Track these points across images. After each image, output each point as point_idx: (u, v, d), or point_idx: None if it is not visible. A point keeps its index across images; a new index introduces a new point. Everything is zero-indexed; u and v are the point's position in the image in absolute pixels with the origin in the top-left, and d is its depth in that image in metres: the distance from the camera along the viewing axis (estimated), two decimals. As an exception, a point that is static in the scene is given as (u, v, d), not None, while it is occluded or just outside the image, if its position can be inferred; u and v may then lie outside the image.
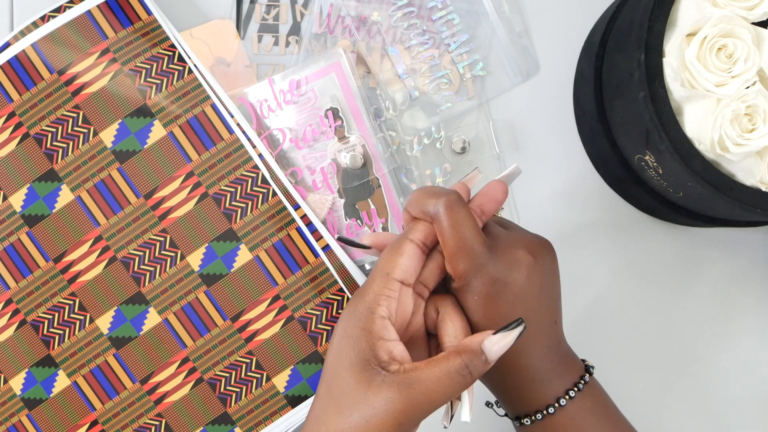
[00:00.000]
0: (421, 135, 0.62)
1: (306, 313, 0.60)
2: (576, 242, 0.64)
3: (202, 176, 0.60)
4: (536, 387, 0.48)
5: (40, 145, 0.59)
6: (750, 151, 0.50)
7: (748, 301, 0.64)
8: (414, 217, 0.47)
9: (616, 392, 0.52)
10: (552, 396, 0.48)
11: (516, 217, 0.63)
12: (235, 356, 0.60)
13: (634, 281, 0.64)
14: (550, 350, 0.48)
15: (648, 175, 0.56)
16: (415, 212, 0.47)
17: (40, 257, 0.60)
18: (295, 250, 0.60)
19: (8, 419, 0.60)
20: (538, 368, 0.47)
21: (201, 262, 0.60)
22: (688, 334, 0.64)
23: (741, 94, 0.50)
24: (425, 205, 0.46)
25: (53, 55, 0.59)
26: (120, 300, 0.60)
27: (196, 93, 0.60)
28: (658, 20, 0.51)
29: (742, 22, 0.50)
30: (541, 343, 0.47)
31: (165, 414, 0.60)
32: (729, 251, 0.65)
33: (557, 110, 0.64)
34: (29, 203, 0.60)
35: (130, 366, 0.60)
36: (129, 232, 0.60)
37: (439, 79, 0.63)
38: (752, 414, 0.64)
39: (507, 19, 0.63)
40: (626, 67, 0.53)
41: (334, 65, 0.61)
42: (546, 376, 0.48)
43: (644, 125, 0.52)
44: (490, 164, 0.63)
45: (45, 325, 0.60)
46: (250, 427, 0.60)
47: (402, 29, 0.63)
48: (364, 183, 0.61)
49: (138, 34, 0.59)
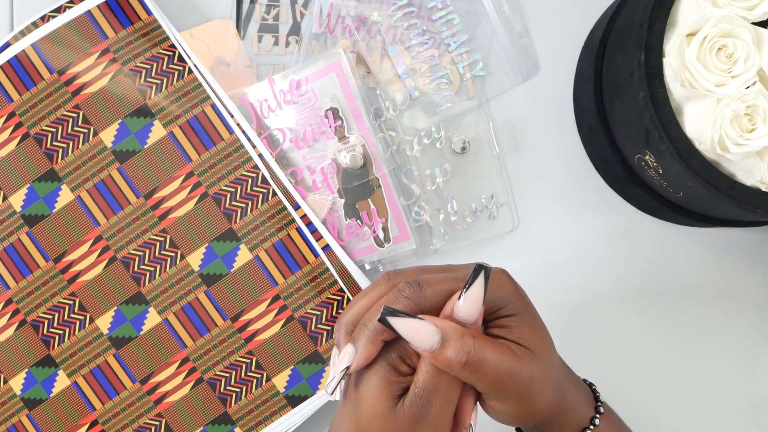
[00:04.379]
0: (421, 135, 0.62)
1: (306, 313, 0.60)
2: (576, 242, 0.64)
3: (202, 176, 0.60)
4: (569, 413, 0.46)
5: (40, 145, 0.59)
6: (750, 151, 0.50)
7: (748, 301, 0.64)
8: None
9: (616, 392, 0.52)
10: (585, 418, 0.47)
11: (516, 218, 0.63)
12: (235, 356, 0.60)
13: (634, 281, 0.64)
14: (566, 375, 0.47)
15: (648, 175, 0.56)
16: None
17: (40, 257, 0.60)
18: (295, 250, 0.60)
19: (8, 419, 0.60)
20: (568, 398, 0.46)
21: (201, 262, 0.60)
22: (687, 333, 0.64)
23: (741, 94, 0.50)
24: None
25: (53, 55, 0.59)
26: (120, 300, 0.60)
27: (196, 93, 0.60)
28: (658, 20, 0.51)
29: (742, 22, 0.50)
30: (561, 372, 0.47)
31: (165, 414, 0.60)
32: (729, 251, 0.65)
33: (557, 110, 0.64)
34: (29, 203, 0.60)
35: (130, 366, 0.60)
36: (129, 232, 0.60)
37: (439, 79, 0.63)
38: (752, 414, 0.64)
39: (507, 19, 0.63)
40: (626, 67, 0.53)
41: (334, 65, 0.61)
42: (575, 404, 0.47)
43: (644, 125, 0.52)
44: (490, 164, 0.63)
45: (45, 325, 0.60)
46: (250, 427, 0.60)
47: (402, 29, 0.63)
48: (364, 183, 0.61)
49: (138, 34, 0.59)
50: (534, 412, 0.44)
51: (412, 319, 0.41)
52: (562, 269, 0.64)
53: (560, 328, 0.47)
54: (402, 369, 0.43)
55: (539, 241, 0.64)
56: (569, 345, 0.51)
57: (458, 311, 0.42)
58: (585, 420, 0.47)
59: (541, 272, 0.64)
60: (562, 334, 0.46)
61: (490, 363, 0.41)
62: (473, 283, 0.41)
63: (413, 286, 0.42)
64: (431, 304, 0.42)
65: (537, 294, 0.48)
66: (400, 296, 0.42)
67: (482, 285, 0.41)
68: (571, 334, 0.52)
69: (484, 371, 0.41)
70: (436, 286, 0.43)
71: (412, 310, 0.42)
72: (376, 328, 0.42)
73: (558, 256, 0.64)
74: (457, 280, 0.43)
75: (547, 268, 0.64)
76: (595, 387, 0.49)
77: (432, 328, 0.41)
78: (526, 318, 0.44)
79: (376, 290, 0.44)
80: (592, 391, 0.49)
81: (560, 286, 0.64)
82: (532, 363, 0.42)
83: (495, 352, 0.41)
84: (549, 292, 0.63)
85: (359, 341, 0.42)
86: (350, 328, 0.44)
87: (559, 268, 0.64)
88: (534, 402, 0.43)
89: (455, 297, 0.42)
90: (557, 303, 0.63)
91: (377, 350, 0.42)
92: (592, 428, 0.46)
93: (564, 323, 0.62)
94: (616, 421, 0.49)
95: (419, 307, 0.42)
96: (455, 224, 0.63)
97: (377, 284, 0.45)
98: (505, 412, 0.44)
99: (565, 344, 0.49)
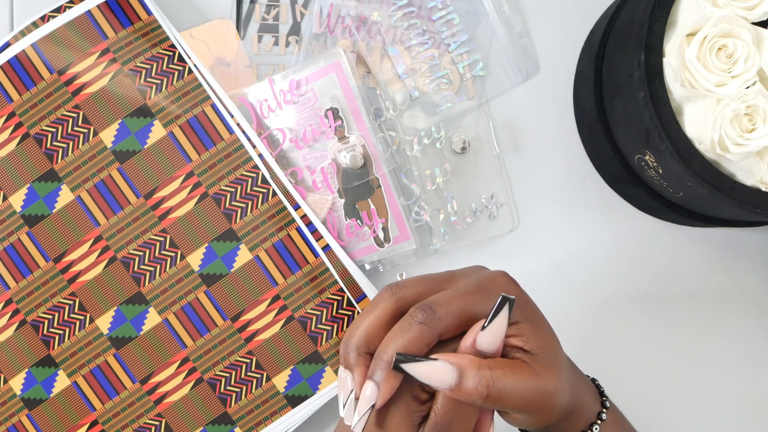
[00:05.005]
0: (421, 135, 0.62)
1: (306, 313, 0.60)
2: (576, 242, 0.64)
3: (202, 176, 0.60)
4: (580, 410, 0.46)
5: (40, 145, 0.59)
6: (750, 151, 0.50)
7: (748, 301, 0.64)
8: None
9: (616, 391, 0.52)
10: (593, 413, 0.47)
11: (516, 218, 0.63)
12: (235, 356, 0.60)
13: (634, 281, 0.64)
14: (574, 373, 0.47)
15: (648, 175, 0.56)
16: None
17: (40, 257, 0.60)
18: (295, 250, 0.60)
19: (8, 419, 0.60)
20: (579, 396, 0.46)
21: (201, 262, 0.60)
22: (687, 333, 0.64)
23: (741, 94, 0.50)
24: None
25: (53, 55, 0.59)
26: (120, 300, 0.60)
27: (196, 93, 0.60)
28: (658, 20, 0.51)
29: (742, 22, 0.50)
30: (571, 371, 0.46)
31: (165, 414, 0.60)
32: (729, 251, 0.65)
33: (557, 110, 0.64)
34: (29, 203, 0.60)
35: (130, 366, 0.60)
36: (129, 232, 0.60)
37: (439, 79, 0.63)
38: (752, 414, 0.64)
39: (507, 19, 0.63)
40: (626, 67, 0.53)
41: (334, 65, 0.61)
42: (584, 399, 0.47)
43: (644, 125, 0.52)
44: (490, 164, 0.63)
45: (45, 325, 0.60)
46: (250, 427, 0.60)
47: (402, 29, 0.63)
48: (364, 183, 0.61)
49: (138, 34, 0.59)
50: (554, 416, 0.44)
51: (426, 362, 0.40)
52: (562, 269, 0.64)
53: (560, 328, 0.47)
54: (422, 397, 0.42)
55: (539, 241, 0.64)
56: (569, 345, 0.51)
57: (480, 342, 0.41)
58: (592, 415, 0.47)
59: (541, 272, 0.64)
60: (562, 334, 0.46)
61: (512, 389, 0.41)
62: (498, 315, 0.40)
63: (425, 311, 0.42)
64: (446, 326, 0.42)
65: (537, 294, 0.48)
66: (413, 323, 0.41)
67: (506, 317, 0.40)
68: (571, 333, 0.52)
69: (507, 398, 0.41)
70: (447, 306, 0.42)
71: (429, 335, 0.41)
72: (393, 360, 0.41)
73: (558, 256, 0.64)
74: (466, 296, 0.42)
75: (547, 268, 0.64)
76: (598, 382, 0.49)
77: (448, 368, 0.40)
78: (534, 323, 0.43)
79: (380, 306, 0.44)
80: (596, 387, 0.49)
81: (560, 286, 0.64)
82: (552, 374, 0.42)
83: (515, 377, 0.41)
84: (549, 292, 0.63)
85: (379, 377, 0.41)
86: (361, 349, 0.43)
87: (559, 268, 0.64)
88: (556, 408, 0.43)
89: (477, 327, 0.41)
90: (557, 303, 0.63)
91: (399, 382, 0.42)
92: (600, 423, 0.46)
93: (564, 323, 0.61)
94: (619, 416, 0.49)
95: (435, 332, 0.41)
96: (455, 224, 0.63)
97: (380, 299, 0.44)
98: (528, 422, 0.44)
99: (566, 344, 0.49)
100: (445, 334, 0.42)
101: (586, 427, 0.47)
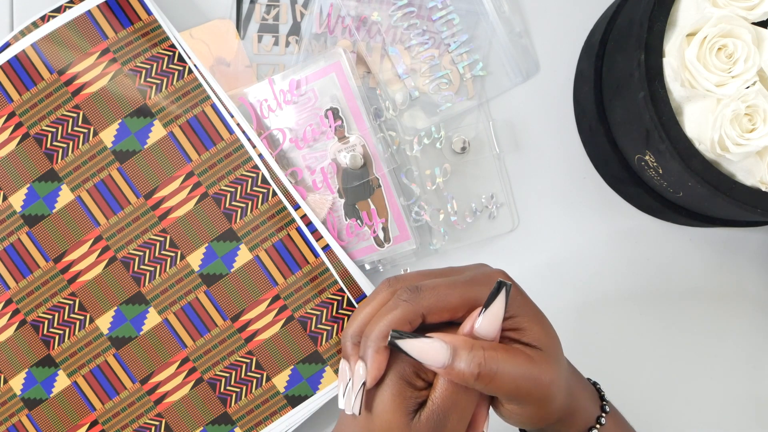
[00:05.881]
0: (421, 135, 0.62)
1: (306, 313, 0.60)
2: (576, 242, 0.64)
3: (202, 176, 0.60)
4: (578, 413, 0.46)
5: (40, 145, 0.59)
6: (750, 151, 0.50)
7: (748, 301, 0.64)
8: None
9: (616, 392, 0.52)
10: (592, 417, 0.47)
11: (516, 218, 0.63)
12: (235, 356, 0.60)
13: (634, 281, 0.64)
14: (574, 375, 0.47)
15: (648, 175, 0.56)
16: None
17: (40, 257, 0.60)
18: (295, 250, 0.60)
19: (8, 419, 0.60)
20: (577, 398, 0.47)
21: (201, 262, 0.60)
22: (687, 333, 0.64)
23: (741, 94, 0.50)
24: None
25: (53, 55, 0.59)
26: (120, 300, 0.60)
27: (196, 93, 0.60)
28: (658, 20, 0.51)
29: (742, 22, 0.50)
30: (570, 372, 0.47)
31: (165, 414, 0.60)
32: (729, 251, 0.65)
33: (557, 110, 0.64)
34: (29, 203, 0.60)
35: (130, 366, 0.60)
36: (129, 232, 0.60)
37: (439, 79, 0.63)
38: (752, 413, 0.64)
39: (507, 19, 0.63)
40: (626, 67, 0.53)
41: (334, 65, 0.61)
42: (583, 403, 0.47)
43: (644, 125, 0.52)
44: (490, 164, 0.63)
45: (45, 325, 0.60)
46: (250, 427, 0.60)
47: (402, 29, 0.63)
48: (364, 183, 0.61)
49: (138, 34, 0.59)
50: (550, 413, 0.44)
51: (420, 339, 0.41)
52: (562, 269, 0.64)
53: (560, 328, 0.47)
54: (417, 384, 0.43)
55: (539, 241, 0.64)
56: (569, 345, 0.51)
57: (478, 328, 0.42)
58: (591, 419, 0.47)
59: (541, 272, 0.64)
60: (562, 334, 0.46)
61: (505, 372, 0.41)
62: (494, 300, 0.41)
63: (411, 290, 0.43)
64: (429, 306, 0.42)
65: (537, 294, 0.48)
66: (398, 301, 0.43)
67: (503, 302, 0.41)
68: (571, 334, 0.52)
69: (500, 380, 0.41)
70: (433, 290, 0.43)
71: (412, 312, 0.42)
72: (378, 337, 0.42)
73: (558, 256, 0.64)
74: (454, 284, 0.43)
75: (547, 268, 0.64)
76: (600, 386, 0.49)
77: (442, 345, 0.41)
78: (532, 317, 0.44)
79: (377, 298, 0.45)
80: (596, 390, 0.49)
81: (560, 286, 0.64)
82: (549, 365, 0.43)
83: (509, 360, 0.41)
84: (549, 292, 0.63)
85: (366, 355, 0.42)
86: (356, 339, 0.44)
87: (559, 268, 0.64)
88: (551, 404, 0.43)
89: (475, 314, 0.42)
90: (557, 303, 0.63)
91: (386, 359, 0.43)
92: (599, 427, 0.46)
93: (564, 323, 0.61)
94: (620, 420, 0.49)
95: (417, 309, 0.42)
96: (455, 224, 0.63)
97: (378, 292, 0.45)
98: (522, 416, 0.44)
99: (565, 344, 0.49)
100: (429, 315, 0.43)
101: (584, 430, 0.47)
